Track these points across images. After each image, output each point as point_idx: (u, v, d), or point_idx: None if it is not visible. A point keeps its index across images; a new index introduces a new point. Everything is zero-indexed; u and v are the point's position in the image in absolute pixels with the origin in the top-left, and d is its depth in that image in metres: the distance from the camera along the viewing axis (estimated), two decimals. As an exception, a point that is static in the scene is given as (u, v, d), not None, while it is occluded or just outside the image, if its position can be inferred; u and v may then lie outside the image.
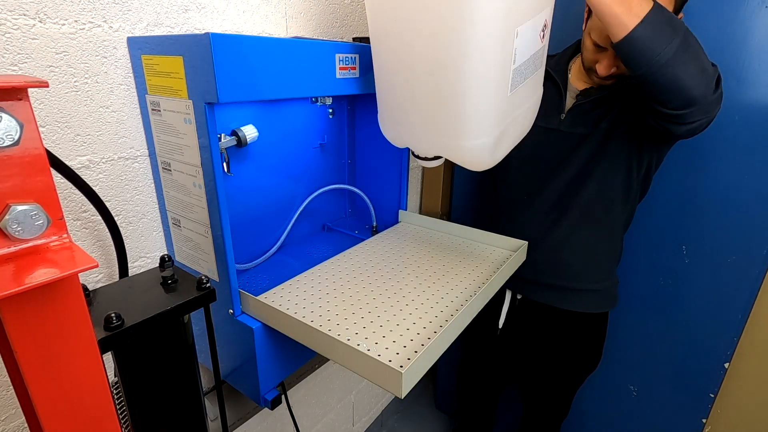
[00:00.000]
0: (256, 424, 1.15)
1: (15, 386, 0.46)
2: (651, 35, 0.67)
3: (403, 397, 0.57)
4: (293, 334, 0.68)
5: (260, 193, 0.95)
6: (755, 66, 0.96)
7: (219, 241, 0.70)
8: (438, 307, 0.75)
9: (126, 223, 0.76)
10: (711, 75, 0.72)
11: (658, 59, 0.68)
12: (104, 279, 0.75)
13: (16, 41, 0.58)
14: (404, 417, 1.86)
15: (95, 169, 0.70)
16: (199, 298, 0.53)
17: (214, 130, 0.63)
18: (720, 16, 0.97)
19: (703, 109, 0.74)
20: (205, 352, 0.63)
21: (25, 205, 0.32)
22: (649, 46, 0.68)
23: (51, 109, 0.63)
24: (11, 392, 0.67)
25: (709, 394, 1.21)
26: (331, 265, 0.88)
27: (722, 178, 1.05)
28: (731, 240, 1.07)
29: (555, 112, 1.01)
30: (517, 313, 1.19)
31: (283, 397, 0.83)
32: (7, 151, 0.31)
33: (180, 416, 0.57)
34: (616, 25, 0.69)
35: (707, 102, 0.73)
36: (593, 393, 1.41)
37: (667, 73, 0.69)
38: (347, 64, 0.77)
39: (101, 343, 0.42)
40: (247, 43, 0.60)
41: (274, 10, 0.92)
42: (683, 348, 1.22)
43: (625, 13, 0.67)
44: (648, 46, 0.68)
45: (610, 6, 0.68)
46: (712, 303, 1.14)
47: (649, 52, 0.68)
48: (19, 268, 0.32)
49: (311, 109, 1.03)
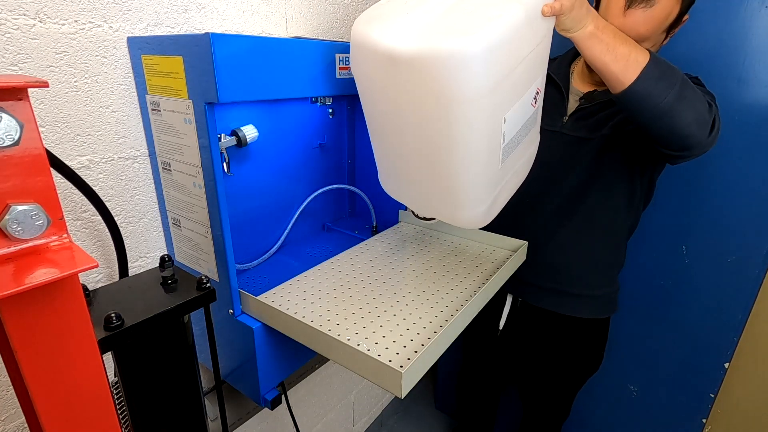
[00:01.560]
0: (256, 424, 1.15)
1: (15, 386, 0.46)
2: (648, 89, 0.70)
3: (403, 397, 0.57)
4: (293, 334, 0.68)
5: (260, 193, 0.95)
6: (755, 66, 0.96)
7: (219, 241, 0.70)
8: (438, 307, 0.75)
9: (126, 223, 0.76)
10: (707, 120, 0.74)
11: (655, 111, 0.71)
12: (104, 279, 0.75)
13: (16, 41, 0.58)
14: (404, 417, 1.86)
15: (95, 169, 0.70)
16: (199, 298, 0.53)
17: (214, 130, 0.63)
18: (720, 16, 0.97)
19: (700, 150, 0.77)
20: (205, 352, 0.63)
21: (25, 205, 0.32)
22: (646, 99, 0.70)
23: (51, 109, 0.63)
24: (11, 392, 0.67)
25: (709, 394, 1.21)
26: (331, 265, 0.88)
27: (722, 178, 1.05)
28: (731, 240, 1.07)
29: (558, 115, 1.00)
30: (517, 316, 1.19)
31: (283, 397, 0.83)
32: (7, 151, 0.31)
33: (180, 416, 0.57)
34: (614, 80, 0.71)
35: (703, 145, 0.76)
36: (593, 393, 1.41)
37: (664, 124, 0.72)
38: (347, 64, 0.77)
39: (101, 343, 0.42)
40: (247, 43, 0.60)
41: (274, 10, 0.92)
42: (683, 348, 1.22)
43: (622, 71, 0.69)
44: (645, 99, 0.70)
45: (606, 64, 0.69)
46: (712, 303, 1.14)
47: (646, 104, 0.71)
48: (19, 268, 0.32)
49: (311, 109, 1.03)
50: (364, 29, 0.61)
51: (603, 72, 0.71)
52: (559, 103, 1.00)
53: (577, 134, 0.97)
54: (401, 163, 0.74)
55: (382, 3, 0.65)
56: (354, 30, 0.63)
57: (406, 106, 0.63)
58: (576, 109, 0.98)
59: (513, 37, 0.57)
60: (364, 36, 0.61)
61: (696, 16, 0.98)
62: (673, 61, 1.01)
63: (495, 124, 0.64)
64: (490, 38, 0.54)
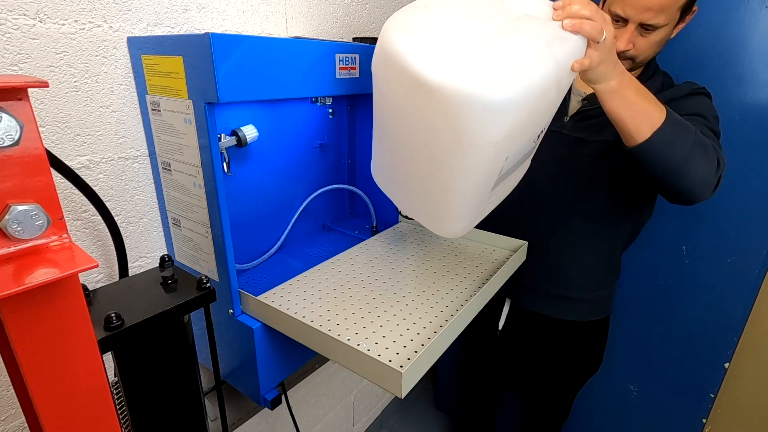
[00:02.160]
0: (256, 424, 1.15)
1: (15, 386, 0.46)
2: (658, 150, 0.71)
3: (403, 397, 0.57)
4: (293, 334, 0.69)
5: (260, 193, 0.95)
6: (755, 66, 0.96)
7: (219, 241, 0.70)
8: (438, 307, 0.75)
9: (126, 223, 0.76)
10: (712, 181, 0.75)
11: (662, 170, 0.73)
12: (104, 279, 0.75)
13: (16, 41, 0.58)
14: (404, 417, 1.86)
15: (95, 169, 0.70)
16: (199, 298, 0.53)
17: (214, 130, 0.63)
18: (720, 16, 0.97)
19: (703, 200, 0.79)
20: (205, 352, 0.63)
21: (25, 205, 0.32)
22: (655, 158, 0.72)
23: (51, 109, 0.63)
24: (11, 392, 0.67)
25: (709, 394, 1.21)
26: (331, 265, 0.88)
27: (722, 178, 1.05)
28: (731, 240, 1.07)
29: (559, 114, 0.98)
30: (516, 318, 1.18)
31: (283, 397, 0.83)
32: (7, 151, 0.31)
33: (180, 416, 0.57)
34: (627, 135, 0.72)
35: (707, 197, 0.78)
36: (593, 393, 1.41)
37: (669, 180, 0.74)
38: (347, 64, 0.77)
39: (101, 343, 0.42)
40: (247, 43, 0.60)
41: (274, 10, 0.92)
42: (683, 348, 1.22)
43: (636, 129, 0.70)
44: (654, 159, 0.72)
45: (623, 119, 0.70)
46: (712, 303, 1.14)
47: (655, 162, 0.72)
48: (19, 268, 0.32)
49: (311, 109, 1.03)
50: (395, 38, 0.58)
51: (618, 125, 0.72)
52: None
53: (577, 135, 0.97)
54: (398, 164, 0.74)
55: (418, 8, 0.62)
56: (384, 35, 0.60)
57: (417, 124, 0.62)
58: (578, 110, 0.97)
59: (540, 90, 0.57)
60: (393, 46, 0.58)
61: (696, 16, 0.98)
62: (674, 61, 1.02)
63: (498, 162, 0.64)
64: (519, 91, 0.54)
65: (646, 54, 0.86)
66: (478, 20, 0.59)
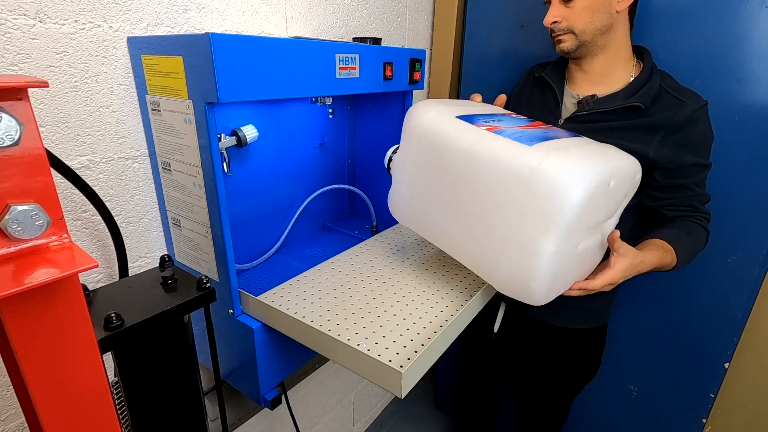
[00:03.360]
0: (256, 424, 1.15)
1: (15, 386, 0.46)
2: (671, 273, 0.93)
3: (403, 397, 0.57)
4: (293, 334, 0.69)
5: (260, 193, 0.95)
6: (755, 66, 0.96)
7: (219, 241, 0.70)
8: (438, 307, 0.75)
9: (126, 223, 0.76)
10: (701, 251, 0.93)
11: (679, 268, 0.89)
12: (104, 279, 0.75)
13: (16, 41, 0.58)
14: (404, 417, 1.86)
15: (95, 169, 0.70)
16: (199, 298, 0.53)
17: (214, 130, 0.63)
18: (720, 16, 0.97)
19: None
20: (205, 352, 0.63)
21: (25, 205, 0.32)
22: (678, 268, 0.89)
23: (51, 109, 0.63)
24: (11, 392, 0.67)
25: (709, 394, 1.21)
26: (331, 265, 0.88)
27: (722, 178, 1.04)
28: (731, 240, 1.07)
29: (553, 117, 0.97)
30: (511, 322, 1.17)
31: (283, 397, 0.83)
32: (7, 151, 0.31)
33: (180, 416, 0.57)
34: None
35: None
36: (593, 394, 1.41)
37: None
38: (347, 64, 0.77)
39: (101, 343, 0.42)
40: (247, 43, 0.60)
41: (274, 10, 0.92)
42: (683, 348, 1.22)
43: (661, 268, 0.86)
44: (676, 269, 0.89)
45: (650, 267, 0.82)
46: (712, 303, 1.14)
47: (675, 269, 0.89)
48: (19, 268, 0.32)
49: (311, 109, 1.03)
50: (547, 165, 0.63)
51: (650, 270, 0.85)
52: (552, 105, 0.97)
53: None
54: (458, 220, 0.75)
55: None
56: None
57: (485, 193, 0.68)
58: (572, 114, 0.94)
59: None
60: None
61: (696, 16, 0.98)
62: (674, 61, 1.02)
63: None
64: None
65: (583, 23, 0.85)
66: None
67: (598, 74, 0.92)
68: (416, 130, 0.76)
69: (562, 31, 0.87)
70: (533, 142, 0.67)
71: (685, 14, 1.00)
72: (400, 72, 0.92)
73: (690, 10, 0.99)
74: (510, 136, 0.69)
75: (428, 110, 0.76)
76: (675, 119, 0.85)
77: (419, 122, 0.75)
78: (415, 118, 0.76)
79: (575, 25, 0.85)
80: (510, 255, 0.69)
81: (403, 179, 0.82)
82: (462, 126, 0.72)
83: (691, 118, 0.84)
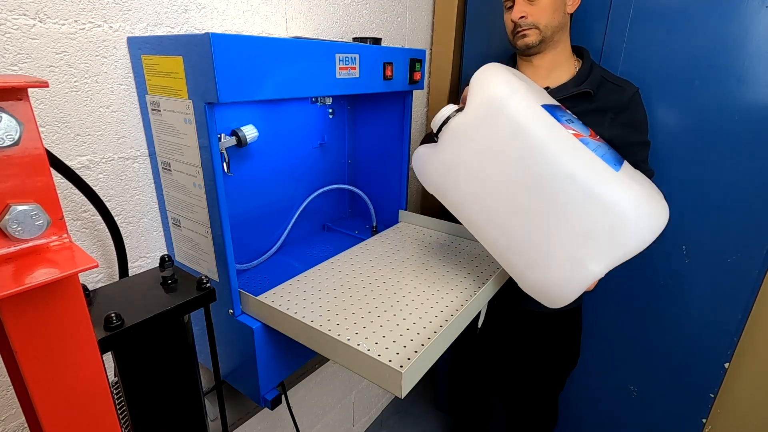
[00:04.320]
0: (256, 424, 1.15)
1: (15, 386, 0.46)
2: None
3: (403, 397, 0.57)
4: (293, 334, 0.69)
5: (260, 193, 0.95)
6: (755, 66, 0.96)
7: (219, 241, 0.70)
8: (438, 307, 0.75)
9: (126, 223, 0.76)
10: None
11: None
12: (104, 279, 0.75)
13: (16, 41, 0.58)
14: (404, 417, 1.86)
15: (95, 169, 0.70)
16: (199, 298, 0.53)
17: (214, 130, 0.63)
18: (720, 16, 0.97)
19: None
20: (205, 352, 0.63)
21: (25, 205, 0.32)
22: None
23: (51, 109, 0.63)
24: (11, 392, 0.67)
25: (709, 394, 1.21)
26: (331, 265, 0.88)
27: (722, 178, 1.04)
28: (731, 240, 1.07)
29: None
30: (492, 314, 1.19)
31: (283, 397, 0.83)
32: (7, 151, 0.31)
33: (180, 416, 0.57)
34: None
35: None
36: (593, 393, 1.41)
37: None
38: (347, 64, 0.77)
39: (101, 343, 0.42)
40: (248, 43, 0.60)
41: (274, 10, 0.92)
42: (683, 348, 1.22)
43: None
44: None
45: None
46: (712, 303, 1.14)
47: None
48: (19, 268, 0.32)
49: (311, 109, 1.03)
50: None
51: None
52: None
53: None
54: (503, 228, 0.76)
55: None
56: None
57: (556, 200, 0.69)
58: None
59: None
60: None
61: (696, 16, 0.98)
62: (674, 60, 1.02)
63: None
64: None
65: (546, 19, 0.92)
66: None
67: (547, 69, 1.00)
68: (497, 107, 0.71)
69: (528, 26, 0.94)
70: (618, 165, 0.71)
71: (685, 14, 1.00)
72: (400, 72, 0.92)
73: (690, 10, 0.99)
74: (596, 151, 0.70)
75: (514, 90, 0.71)
76: (621, 101, 0.96)
77: (504, 102, 0.70)
78: (499, 94, 0.71)
79: (540, 20, 0.92)
80: (558, 266, 0.71)
81: (458, 147, 0.75)
82: (550, 123, 0.70)
83: (633, 100, 0.96)
